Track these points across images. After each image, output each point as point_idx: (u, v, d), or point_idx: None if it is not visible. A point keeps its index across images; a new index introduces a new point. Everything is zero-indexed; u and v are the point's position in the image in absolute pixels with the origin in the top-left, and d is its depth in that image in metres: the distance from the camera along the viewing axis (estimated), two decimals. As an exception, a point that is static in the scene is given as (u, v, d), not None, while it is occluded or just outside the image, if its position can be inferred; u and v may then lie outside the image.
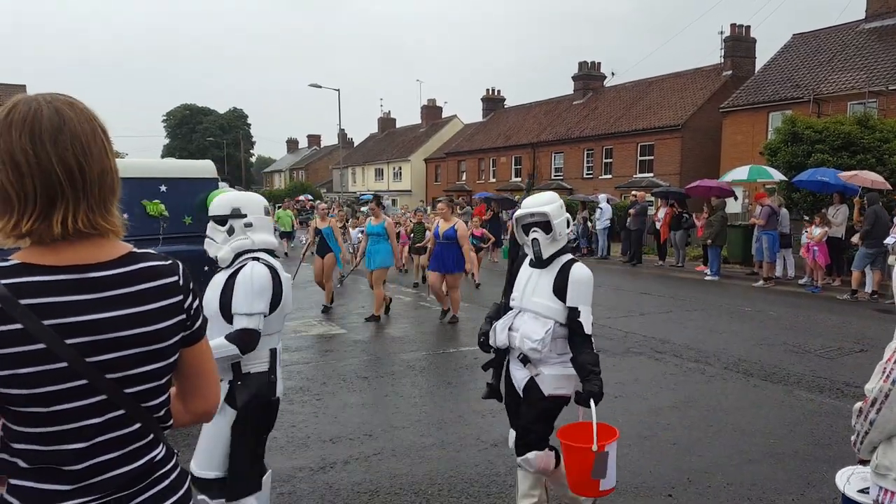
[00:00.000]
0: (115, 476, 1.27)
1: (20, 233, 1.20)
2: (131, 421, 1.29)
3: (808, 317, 9.55)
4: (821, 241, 12.09)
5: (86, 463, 1.24)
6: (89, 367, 1.21)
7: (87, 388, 1.21)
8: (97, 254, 1.26)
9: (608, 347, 7.55)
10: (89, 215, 1.24)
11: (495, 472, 4.09)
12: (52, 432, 1.21)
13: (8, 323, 1.15)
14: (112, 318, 1.24)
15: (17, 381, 1.16)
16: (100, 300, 1.23)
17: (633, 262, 17.04)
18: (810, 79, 23.91)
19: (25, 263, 1.20)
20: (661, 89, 32.65)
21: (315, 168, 67.46)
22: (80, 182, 1.22)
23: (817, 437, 4.71)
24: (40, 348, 1.16)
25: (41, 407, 1.19)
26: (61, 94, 1.27)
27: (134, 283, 1.28)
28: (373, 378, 6.35)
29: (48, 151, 1.19)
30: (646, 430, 4.83)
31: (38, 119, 1.20)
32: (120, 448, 1.28)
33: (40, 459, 1.22)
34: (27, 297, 1.17)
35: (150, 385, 1.30)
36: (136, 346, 1.26)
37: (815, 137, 14.58)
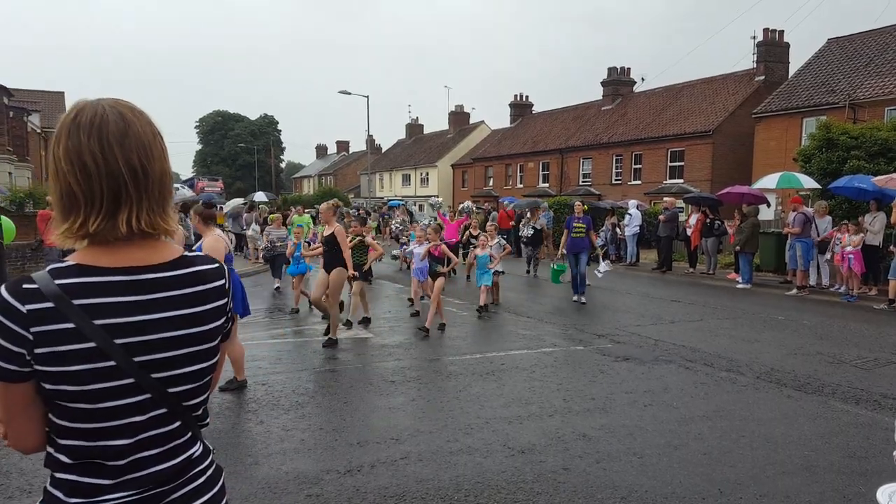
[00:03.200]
0: (155, 472, 1.30)
1: (86, 232, 1.23)
2: (172, 419, 1.32)
3: (844, 326, 9.32)
4: (856, 248, 11.79)
5: (128, 459, 1.27)
6: (137, 367, 1.24)
7: (133, 386, 1.24)
8: (152, 256, 1.30)
9: (637, 355, 7.47)
10: (151, 215, 1.27)
11: (522, 480, 4.07)
12: (98, 428, 1.24)
13: (61, 322, 1.18)
14: (162, 319, 1.27)
15: (67, 377, 1.19)
16: (152, 301, 1.27)
17: (663, 269, 16.82)
18: (846, 84, 23.40)
19: (80, 265, 1.24)
20: (692, 94, 32.25)
21: (344, 174, 68.08)
22: (144, 183, 1.26)
23: (853, 450, 4.59)
24: (91, 347, 1.20)
25: (88, 403, 1.22)
26: (121, 99, 1.31)
27: (186, 285, 1.32)
28: (400, 382, 6.37)
29: (115, 154, 1.23)
30: (676, 440, 4.76)
31: (106, 123, 1.24)
32: (161, 445, 1.31)
33: (85, 454, 1.25)
34: (80, 298, 1.20)
35: (192, 385, 1.34)
36: (184, 346, 1.30)
37: (850, 143, 14.25)
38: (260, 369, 6.76)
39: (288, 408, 5.52)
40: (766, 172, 17.77)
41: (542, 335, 8.70)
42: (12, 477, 4.10)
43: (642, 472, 4.17)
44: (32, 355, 1.18)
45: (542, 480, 4.06)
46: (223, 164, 74.33)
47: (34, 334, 1.17)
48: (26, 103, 35.67)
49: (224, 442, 4.69)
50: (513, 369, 6.89)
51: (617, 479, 4.06)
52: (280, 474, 4.12)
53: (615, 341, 8.27)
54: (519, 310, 10.82)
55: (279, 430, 4.97)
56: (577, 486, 3.97)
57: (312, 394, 5.98)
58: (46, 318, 1.17)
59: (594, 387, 6.23)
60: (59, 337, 1.18)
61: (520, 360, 7.29)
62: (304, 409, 5.49)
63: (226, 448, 4.57)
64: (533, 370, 6.92)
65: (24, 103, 34.98)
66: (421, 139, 59.83)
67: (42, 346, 1.17)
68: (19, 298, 1.17)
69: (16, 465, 4.24)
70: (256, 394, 5.90)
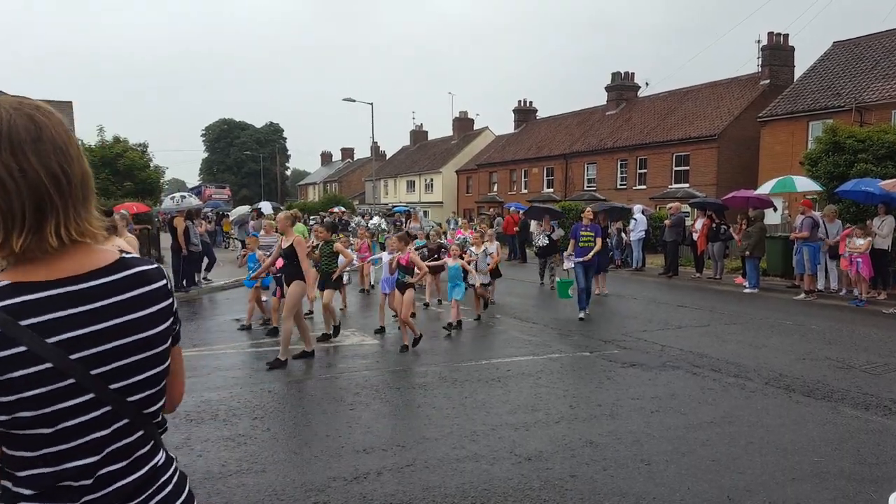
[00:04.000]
0: (121, 486, 1.24)
1: (11, 251, 1.14)
2: (134, 429, 1.26)
3: (853, 331, 9.25)
4: (864, 252, 11.72)
5: (93, 476, 1.21)
6: (95, 380, 1.17)
7: (93, 401, 1.18)
8: (87, 262, 1.21)
9: (644, 361, 7.43)
10: (79, 222, 1.18)
11: (529, 487, 4.05)
12: (62, 451, 1.17)
13: (11, 347, 1.09)
14: (112, 327, 1.20)
15: (23, 404, 1.11)
16: (98, 310, 1.19)
17: (670, 274, 16.75)
18: (852, 87, 23.31)
19: (16, 283, 1.14)
20: (697, 99, 32.21)
21: (348, 180, 68.24)
22: (67, 189, 1.17)
23: (864, 456, 4.54)
24: (47, 368, 1.12)
25: (46, 428, 1.14)
26: (21, 97, 1.20)
27: (128, 289, 1.24)
28: (405, 389, 6.36)
29: (32, 162, 1.12)
30: (684, 447, 4.73)
31: (15, 130, 1.12)
32: (125, 458, 1.25)
33: (47, 481, 1.17)
34: (27, 318, 1.11)
35: (149, 391, 1.28)
36: (136, 352, 1.24)
37: (857, 147, 14.18)
38: (266, 376, 6.76)
39: (294, 415, 5.52)
40: (772, 176, 17.68)
41: (547, 341, 8.67)
42: None
43: (650, 479, 4.14)
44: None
45: (549, 488, 4.03)
46: (229, 172, 74.64)
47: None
48: (34, 113, 35.89)
49: (231, 449, 4.68)
50: (519, 375, 6.87)
51: (624, 487, 4.04)
52: (286, 482, 4.11)
53: (622, 347, 8.23)
54: (525, 316, 10.80)
55: (285, 437, 4.96)
56: (585, 494, 3.94)
57: (318, 401, 5.97)
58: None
59: (601, 393, 6.20)
60: (10, 363, 1.09)
61: (526, 367, 7.27)
62: (309, 417, 5.48)
63: (232, 456, 4.56)
64: (539, 376, 6.89)
65: (31, 113, 35.18)
66: (425, 145, 59.92)
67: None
68: None
69: None
70: (263, 401, 5.89)
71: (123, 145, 27.37)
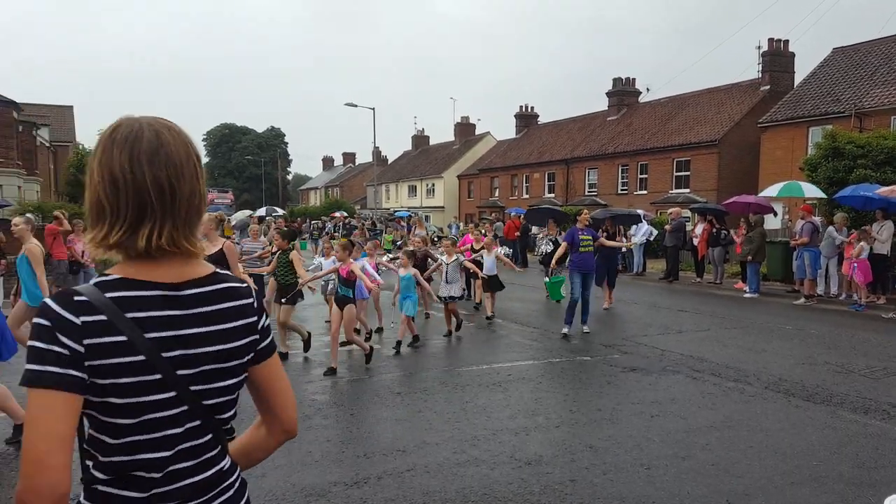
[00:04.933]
0: (189, 484, 1.31)
1: (108, 243, 1.26)
2: (205, 431, 1.34)
3: (852, 336, 9.27)
4: (858, 257, 11.73)
5: (165, 471, 1.28)
6: (179, 380, 1.26)
7: (173, 399, 1.26)
8: (187, 272, 1.32)
9: (644, 366, 7.45)
10: (173, 234, 1.28)
11: (529, 492, 4.07)
12: (139, 441, 1.25)
13: (115, 335, 1.20)
14: (203, 333, 1.30)
15: (114, 390, 1.20)
16: (194, 315, 1.30)
17: (670, 278, 16.78)
18: (851, 93, 23.38)
19: (125, 278, 1.26)
20: (698, 104, 32.29)
21: (350, 185, 68.34)
22: (170, 201, 1.27)
23: (862, 460, 4.56)
24: (140, 360, 1.21)
25: (130, 418, 1.22)
26: (162, 118, 1.34)
27: (218, 301, 1.34)
28: (406, 394, 6.38)
29: (144, 170, 1.25)
30: (683, 451, 4.74)
31: (139, 139, 1.27)
32: (194, 457, 1.33)
33: (125, 469, 1.25)
34: (131, 311, 1.22)
35: (224, 398, 1.36)
36: (220, 361, 1.33)
37: (857, 152, 14.23)
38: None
39: (295, 419, 5.53)
40: (772, 182, 17.72)
41: (548, 346, 8.69)
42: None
43: (650, 483, 4.16)
44: (84, 367, 1.18)
45: (549, 492, 4.05)
46: (230, 177, 74.81)
47: (86, 346, 1.18)
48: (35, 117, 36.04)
49: (231, 454, 4.70)
50: (519, 380, 6.89)
51: (624, 491, 4.05)
52: (287, 486, 4.13)
53: (622, 352, 8.25)
54: (526, 321, 10.82)
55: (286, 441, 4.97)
56: (585, 498, 3.96)
57: (319, 406, 5.99)
58: (99, 331, 1.19)
59: (601, 398, 6.22)
60: (111, 349, 1.19)
61: (526, 371, 7.29)
62: (310, 421, 5.50)
63: (233, 460, 4.57)
64: (539, 381, 6.91)
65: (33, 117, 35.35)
66: (427, 150, 60.05)
67: (94, 358, 1.18)
68: (73, 311, 1.18)
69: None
70: (263, 405, 5.90)
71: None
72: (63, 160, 36.38)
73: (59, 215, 12.00)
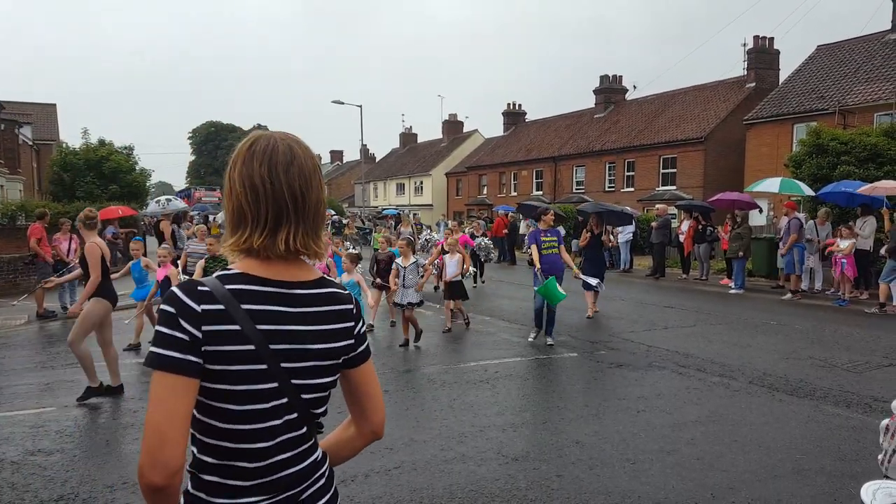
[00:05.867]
0: (287, 475, 1.39)
1: (250, 247, 1.37)
2: (301, 424, 1.42)
3: (835, 330, 9.38)
4: (849, 253, 11.88)
5: (266, 461, 1.35)
6: (282, 372, 1.34)
7: (275, 390, 1.34)
8: (299, 273, 1.43)
9: (630, 362, 7.49)
10: (305, 237, 1.41)
11: (516, 487, 4.08)
12: (243, 430, 1.32)
13: (229, 323, 1.28)
14: (305, 331, 1.39)
15: (225, 376, 1.28)
16: (299, 314, 1.39)
17: (657, 275, 16.88)
18: (835, 90, 23.63)
19: (245, 273, 1.36)
20: (684, 102, 32.48)
21: (338, 183, 68.07)
22: (302, 208, 1.40)
23: (844, 453, 4.62)
24: (249, 349, 1.30)
25: (237, 405, 1.30)
26: (290, 133, 1.48)
27: (324, 303, 1.44)
28: (393, 391, 6.37)
29: (280, 180, 1.37)
30: (668, 445, 4.78)
31: (276, 152, 1.39)
32: (293, 449, 1.40)
33: (229, 456, 1.33)
34: (246, 303, 1.32)
35: (320, 395, 1.45)
36: (318, 358, 1.42)
37: (840, 149, 14.37)
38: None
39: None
40: (757, 178, 17.85)
41: (535, 343, 8.71)
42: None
43: (635, 478, 4.19)
44: (201, 352, 1.26)
45: (536, 487, 4.07)
46: (217, 175, 74.14)
47: (204, 332, 1.26)
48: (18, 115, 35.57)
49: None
50: (507, 377, 6.91)
51: (610, 485, 4.08)
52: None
53: (609, 348, 8.29)
54: (513, 318, 10.84)
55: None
56: (571, 493, 3.98)
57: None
58: (217, 319, 1.27)
59: (588, 393, 6.25)
60: (225, 337, 1.28)
61: (513, 368, 7.31)
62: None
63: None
64: (527, 378, 6.94)
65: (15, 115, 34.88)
66: (415, 148, 59.94)
67: (210, 343, 1.26)
68: (194, 299, 1.28)
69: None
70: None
71: (109, 148, 27.14)
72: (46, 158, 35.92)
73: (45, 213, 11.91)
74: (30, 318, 11.04)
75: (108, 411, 5.84)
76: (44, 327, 10.60)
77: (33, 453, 4.82)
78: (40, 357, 8.25)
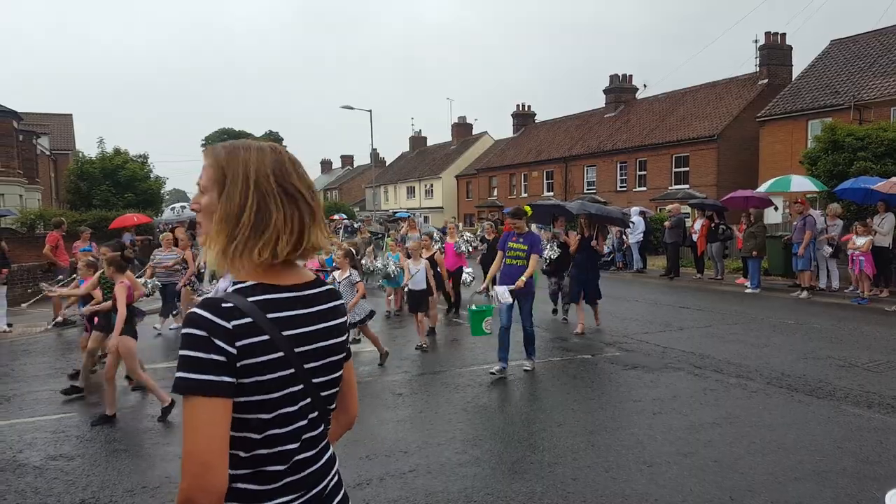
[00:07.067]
0: (311, 473, 1.40)
1: (274, 254, 1.35)
2: (321, 421, 1.43)
3: (855, 329, 9.24)
4: (867, 250, 11.72)
5: (292, 461, 1.36)
6: (306, 373, 1.37)
7: (301, 392, 1.36)
8: (302, 275, 1.45)
9: (645, 363, 7.44)
10: (320, 235, 1.44)
11: (532, 490, 4.05)
12: (276, 434, 1.32)
13: (260, 335, 1.29)
14: (322, 329, 1.42)
15: (258, 387, 1.28)
16: (314, 314, 1.42)
17: (671, 275, 16.75)
18: (850, 85, 23.35)
19: (262, 283, 1.36)
20: (695, 100, 32.26)
21: (349, 188, 68.32)
22: (317, 206, 1.44)
23: (866, 455, 4.55)
24: (279, 356, 1.31)
25: (267, 413, 1.30)
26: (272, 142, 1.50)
27: (328, 300, 1.47)
28: (408, 395, 6.37)
29: (305, 183, 1.41)
30: (686, 448, 4.73)
31: (288, 159, 1.41)
32: (315, 447, 1.42)
33: (260, 462, 1.32)
34: (270, 312, 1.33)
35: (334, 390, 1.47)
36: (331, 355, 1.44)
37: (856, 145, 14.19)
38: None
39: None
40: (772, 176, 17.72)
41: (549, 345, 8.68)
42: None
43: (652, 481, 4.15)
44: (235, 369, 1.25)
45: (552, 491, 4.04)
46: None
47: (238, 348, 1.25)
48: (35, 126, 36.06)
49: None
50: (520, 379, 6.88)
51: (626, 489, 4.05)
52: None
53: (623, 349, 8.24)
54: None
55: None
56: (587, 496, 3.95)
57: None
58: (247, 332, 1.27)
59: (602, 396, 6.21)
60: (257, 349, 1.28)
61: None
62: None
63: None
64: (540, 380, 6.91)
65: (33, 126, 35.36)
66: (424, 151, 60.01)
67: (244, 358, 1.26)
68: (223, 317, 1.26)
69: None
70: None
71: (124, 157, 27.44)
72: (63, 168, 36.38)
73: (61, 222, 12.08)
74: (48, 324, 11.18)
75: (128, 417, 5.89)
76: (62, 335, 10.72)
77: (55, 458, 4.88)
78: (60, 364, 8.34)
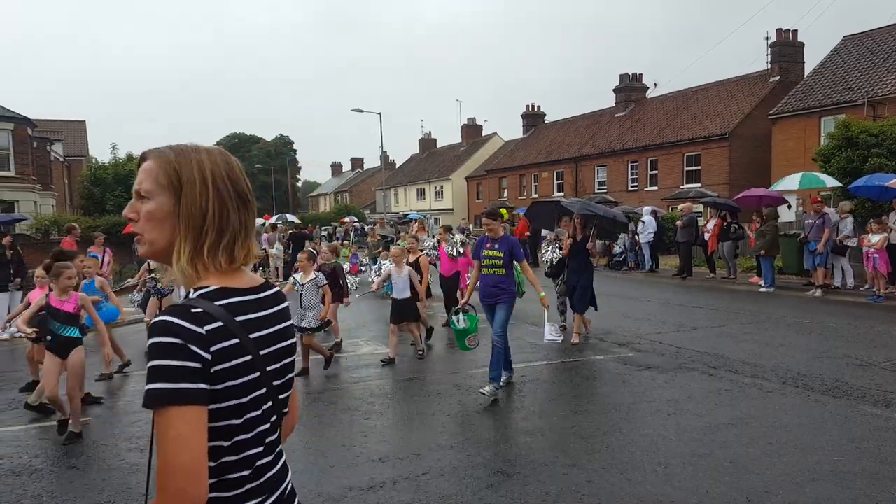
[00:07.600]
0: (270, 478, 1.37)
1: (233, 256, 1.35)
2: (277, 426, 1.41)
3: (871, 327, 9.13)
4: (881, 248, 11.58)
5: (254, 466, 1.33)
6: (269, 376, 1.35)
7: (264, 396, 1.33)
8: (252, 279, 1.43)
9: (659, 363, 7.39)
10: (250, 243, 1.41)
11: (546, 493, 4.03)
12: (244, 440, 1.30)
13: (231, 338, 1.27)
14: (276, 332, 1.40)
15: (230, 392, 1.26)
16: (269, 316, 1.40)
17: (684, 275, 16.64)
18: (864, 81, 23.11)
19: (223, 287, 1.34)
20: (706, 98, 32.06)
21: (359, 190, 68.52)
22: (252, 210, 1.43)
23: (885, 455, 4.48)
24: (248, 359, 1.29)
25: (237, 418, 1.28)
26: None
27: (278, 303, 1.46)
28: (420, 397, 6.36)
29: (249, 187, 1.42)
30: (701, 449, 4.69)
31: (235, 162, 1.41)
32: (273, 451, 1.39)
33: (228, 470, 1.29)
34: (237, 315, 1.31)
35: (288, 393, 1.46)
36: (286, 356, 1.43)
37: (871, 141, 14.05)
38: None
39: (309, 425, 5.54)
40: (785, 174, 17.55)
41: (562, 346, 8.64)
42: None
43: (667, 482, 4.11)
44: (209, 376, 1.22)
45: (567, 493, 4.02)
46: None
47: (213, 353, 1.23)
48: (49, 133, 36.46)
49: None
50: (533, 381, 6.86)
51: (642, 490, 4.01)
52: (303, 493, 4.11)
53: (637, 350, 8.19)
54: (539, 321, 10.74)
55: (301, 447, 4.98)
56: (602, 498, 3.93)
57: (333, 411, 6.00)
58: (220, 337, 1.25)
59: (616, 397, 6.17)
60: (230, 352, 1.26)
61: (540, 372, 7.25)
62: (324, 427, 5.50)
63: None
64: (553, 381, 6.88)
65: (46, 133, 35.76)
66: (434, 153, 60.07)
67: (217, 363, 1.24)
68: (195, 322, 1.23)
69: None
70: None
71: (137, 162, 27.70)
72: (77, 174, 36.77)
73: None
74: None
75: (144, 422, 5.93)
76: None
77: (71, 464, 4.91)
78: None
